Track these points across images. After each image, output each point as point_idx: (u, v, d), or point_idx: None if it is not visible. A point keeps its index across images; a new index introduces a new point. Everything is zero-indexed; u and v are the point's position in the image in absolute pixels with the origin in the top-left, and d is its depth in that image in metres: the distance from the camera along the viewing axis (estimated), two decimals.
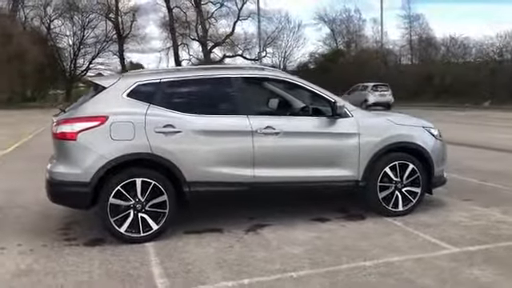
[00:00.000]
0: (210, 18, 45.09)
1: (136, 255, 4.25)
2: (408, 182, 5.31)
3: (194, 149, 4.64)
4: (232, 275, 3.77)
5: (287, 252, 4.28)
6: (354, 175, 5.13)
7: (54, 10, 47.56)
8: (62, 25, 48.25)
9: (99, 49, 48.60)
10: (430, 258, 4.09)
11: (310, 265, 3.98)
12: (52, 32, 48.48)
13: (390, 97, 26.97)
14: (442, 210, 5.60)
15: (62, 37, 49.00)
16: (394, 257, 4.12)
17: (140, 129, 4.49)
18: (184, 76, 4.94)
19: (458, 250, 4.27)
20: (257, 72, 5.28)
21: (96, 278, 3.78)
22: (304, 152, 4.98)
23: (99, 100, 4.62)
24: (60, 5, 47.05)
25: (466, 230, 4.81)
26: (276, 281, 3.67)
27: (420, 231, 4.80)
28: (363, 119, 5.18)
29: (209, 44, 45.17)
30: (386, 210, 5.27)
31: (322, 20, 46.95)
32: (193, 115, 4.68)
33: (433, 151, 5.41)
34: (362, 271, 3.83)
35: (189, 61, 47.12)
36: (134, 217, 4.51)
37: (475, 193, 6.39)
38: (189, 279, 3.72)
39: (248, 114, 4.85)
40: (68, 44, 48.56)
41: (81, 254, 4.32)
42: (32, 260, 4.17)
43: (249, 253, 4.27)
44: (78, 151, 4.43)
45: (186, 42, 46.66)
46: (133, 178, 4.48)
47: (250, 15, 43.95)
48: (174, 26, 45.12)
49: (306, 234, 4.79)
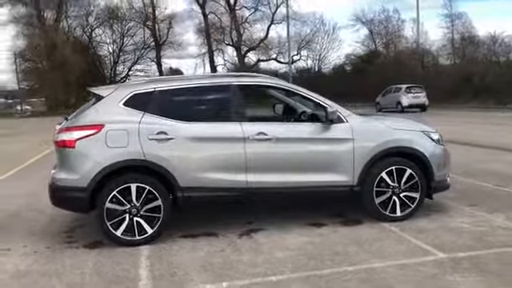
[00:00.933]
0: (244, 22, 45.54)
1: (129, 258, 4.44)
2: (406, 187, 5.27)
3: (186, 155, 4.79)
4: (214, 278, 3.89)
5: (274, 256, 4.36)
6: (349, 180, 5.14)
7: (96, 19, 49.37)
8: (103, 33, 50.02)
9: (138, 56, 50.02)
10: (414, 263, 4.07)
11: (293, 269, 4.04)
12: (93, 40, 50.28)
13: (424, 98, 26.38)
14: (444, 215, 5.51)
15: (103, 45, 50.76)
16: (379, 262, 4.12)
17: (134, 136, 4.69)
18: (178, 85, 5.11)
19: (446, 256, 4.22)
20: (250, 79, 5.38)
21: (87, 279, 3.98)
22: (297, 157, 5.04)
23: (97, 109, 4.85)
24: (101, 14, 48.79)
25: (462, 236, 4.73)
26: (254, 284, 3.76)
27: (413, 237, 4.76)
28: (358, 124, 5.19)
29: (243, 49, 45.57)
30: (383, 215, 5.25)
31: (360, 21, 46.49)
32: (185, 122, 4.84)
33: (432, 156, 5.34)
34: (342, 276, 3.86)
35: (224, 66, 47.81)
36: (130, 221, 4.70)
37: (485, 198, 6.23)
38: (172, 282, 3.86)
39: (241, 120, 4.96)
40: (108, 52, 50.26)
41: (79, 256, 4.55)
42: (32, 261, 4.44)
43: (237, 257, 4.38)
44: (76, 158, 4.67)
45: (221, 47, 47.33)
46: (128, 184, 4.68)
47: (284, 19, 43.95)
48: (209, 31, 45.81)
49: (299, 238, 4.85)
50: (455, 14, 40.60)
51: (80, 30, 49.53)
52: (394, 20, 45.22)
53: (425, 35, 40.74)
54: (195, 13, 46.52)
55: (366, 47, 46.46)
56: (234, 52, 46.73)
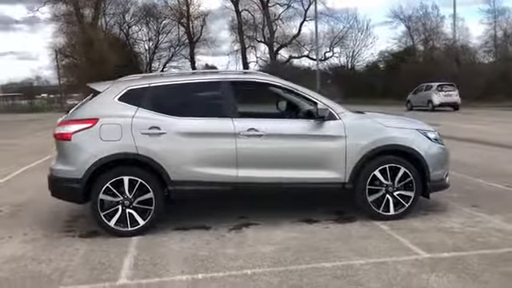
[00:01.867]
0: (276, 19, 45.51)
1: (118, 247, 4.60)
2: (400, 185, 5.23)
3: (177, 149, 4.91)
4: (192, 270, 3.99)
5: (257, 250, 4.42)
6: (340, 177, 5.14)
7: (132, 16, 50.47)
8: (139, 31, 51.05)
9: (172, 53, 50.81)
10: (393, 262, 4.05)
11: (271, 263, 4.09)
12: (130, 38, 51.42)
13: (456, 97, 25.65)
14: (441, 215, 5.43)
15: (139, 42, 51.83)
16: (358, 260, 4.12)
17: (127, 130, 4.84)
18: (171, 81, 5.23)
19: (429, 256, 4.18)
20: (242, 76, 5.45)
21: (72, 266, 4.16)
22: (288, 154, 5.07)
23: (94, 103, 5.04)
24: (137, 12, 49.83)
25: (452, 237, 4.66)
26: (228, 276, 3.84)
27: (402, 236, 4.72)
28: (350, 122, 5.17)
29: (275, 46, 45.55)
30: (376, 214, 5.22)
31: (398, 18, 45.57)
32: (177, 117, 4.96)
33: (427, 155, 5.27)
34: (317, 272, 3.88)
35: (256, 63, 47.94)
36: (122, 212, 4.87)
37: (491, 199, 6.09)
38: (150, 271, 3.99)
39: (232, 116, 5.04)
40: (144, 48, 51.25)
41: (73, 244, 4.75)
42: (29, 248, 4.66)
43: (220, 250, 4.47)
44: (72, 150, 4.87)
45: (254, 44, 47.48)
46: (121, 176, 4.84)
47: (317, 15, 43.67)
48: (241, 28, 46.04)
49: (287, 234, 4.89)
50: (498, 10, 39.26)
51: (117, 27, 50.78)
52: (433, 16, 44.12)
53: (465, 31, 39.59)
54: (228, 10, 46.96)
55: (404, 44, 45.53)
56: (266, 49, 46.83)
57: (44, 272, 4.03)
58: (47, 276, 3.95)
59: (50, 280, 3.87)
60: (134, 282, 3.80)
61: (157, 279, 3.83)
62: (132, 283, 3.78)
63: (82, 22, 44.63)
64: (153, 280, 3.82)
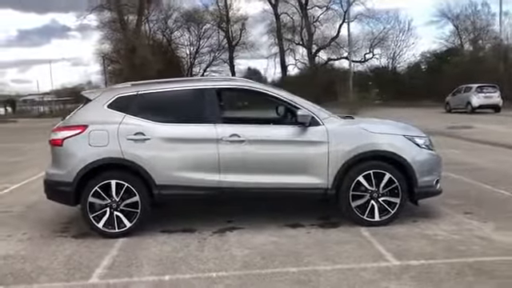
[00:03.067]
0: (315, 21, 45.24)
1: (103, 248, 4.81)
2: (385, 191, 5.18)
3: (162, 154, 5.08)
4: (161, 271, 4.14)
5: (231, 254, 4.52)
6: (323, 183, 5.15)
7: (174, 22, 51.63)
8: (181, 36, 52.12)
9: (213, 57, 51.52)
10: (360, 268, 4.05)
11: (239, 267, 4.18)
12: (172, 43, 52.59)
13: (497, 99, 24.61)
14: (429, 222, 5.34)
15: (181, 47, 52.90)
16: (326, 266, 4.15)
17: (113, 136, 5.06)
18: (157, 88, 5.41)
19: (398, 263, 4.15)
20: (227, 83, 5.56)
21: (54, 265, 4.40)
22: (270, 159, 5.14)
23: (84, 111, 5.31)
24: (179, 17, 50.91)
25: (432, 245, 4.59)
26: (193, 279, 3.97)
27: (381, 242, 4.69)
28: (334, 128, 5.18)
29: (313, 48, 45.30)
30: (360, 220, 5.20)
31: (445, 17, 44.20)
32: (162, 124, 5.14)
33: (414, 161, 5.19)
34: (279, 276, 3.95)
35: (294, 65, 47.84)
36: (110, 214, 5.09)
37: (489, 206, 5.92)
38: (123, 272, 4.17)
39: (216, 122, 5.17)
40: (186, 53, 52.26)
41: (63, 244, 5.01)
42: (23, 247, 4.96)
43: (196, 253, 4.60)
44: (63, 155, 5.15)
45: (292, 47, 47.36)
46: (108, 180, 5.07)
47: (357, 17, 43.19)
48: (280, 31, 46.06)
49: (267, 238, 4.96)
50: None
51: (160, 33, 52.06)
52: (483, 14, 42.47)
53: None
54: (267, 13, 47.04)
55: (451, 44, 44.12)
56: (304, 51, 46.62)
57: (25, 270, 4.29)
58: (27, 274, 4.20)
59: (29, 278, 4.12)
60: (103, 281, 3.99)
61: (125, 279, 4.00)
62: (101, 282, 3.97)
63: (126, 29, 46.02)
64: (121, 280, 3.99)
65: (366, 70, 47.22)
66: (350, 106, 22.43)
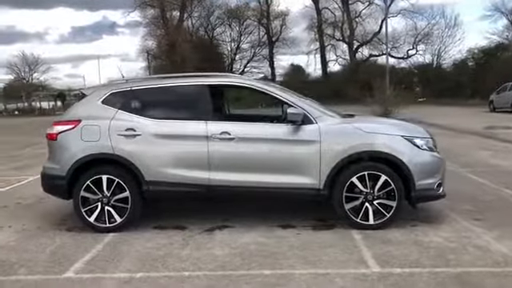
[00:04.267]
0: (357, 17, 44.38)
1: (91, 242, 4.85)
2: (381, 194, 4.96)
3: (152, 151, 5.07)
4: (137, 268, 4.13)
5: (212, 253, 4.45)
6: (315, 183, 4.99)
7: (217, 18, 52.05)
8: (222, 33, 52.51)
9: (253, 53, 51.62)
10: (336, 274, 3.88)
11: (214, 267, 4.11)
12: (214, 39, 53.06)
13: None
14: (430, 227, 5.07)
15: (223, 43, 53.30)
16: (303, 269, 4.01)
17: (105, 131, 5.10)
18: (150, 84, 5.40)
19: (379, 270, 3.95)
20: (221, 79, 5.46)
21: (38, 257, 4.48)
22: (260, 157, 5.02)
23: (79, 106, 5.38)
24: (221, 14, 51.28)
25: (422, 252, 4.35)
26: (163, 277, 3.93)
27: (369, 247, 4.49)
28: (326, 126, 5.00)
29: (355, 44, 44.48)
30: (354, 222, 5.00)
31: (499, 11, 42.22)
32: (153, 120, 5.12)
33: (412, 162, 4.94)
34: (250, 279, 3.84)
35: (335, 61, 47.16)
36: (101, 209, 5.13)
37: (502, 213, 5.57)
38: (100, 267, 4.18)
39: (207, 119, 5.10)
40: (227, 49, 52.62)
41: (54, 236, 5.10)
42: (16, 238, 5.09)
43: (178, 251, 4.55)
44: (58, 150, 5.23)
45: (333, 42, 46.70)
46: (99, 175, 5.11)
47: (401, 12, 42.02)
48: (321, 27, 45.54)
49: (254, 238, 4.86)
50: None
51: (203, 29, 52.63)
52: None
53: None
54: (308, 9, 46.65)
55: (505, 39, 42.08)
56: (345, 47, 45.84)
57: (9, 261, 4.39)
58: (10, 265, 4.29)
59: (10, 269, 4.21)
60: (77, 276, 4.02)
61: (98, 275, 4.01)
62: (74, 277, 4.00)
63: (168, 25, 46.79)
64: (94, 275, 4.00)
65: (409, 67, 45.90)
66: (386, 104, 21.78)
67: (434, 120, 18.21)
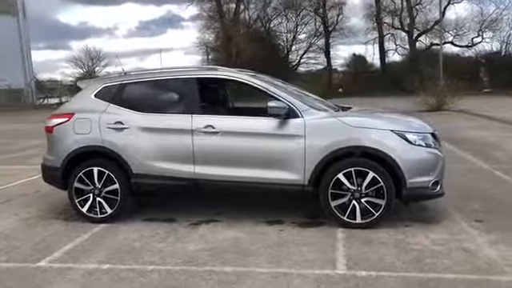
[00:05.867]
0: (417, 4, 42.43)
1: (78, 232, 4.99)
2: (369, 191, 4.71)
3: (138, 144, 5.12)
4: (105, 259, 4.19)
5: (184, 248, 4.43)
6: (299, 179, 4.82)
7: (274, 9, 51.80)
8: (279, 24, 52.18)
9: (310, 43, 50.89)
10: (297, 275, 3.75)
11: (180, 262, 4.08)
12: (271, 30, 52.89)
13: None
14: (422, 228, 4.77)
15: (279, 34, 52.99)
16: (265, 268, 3.91)
17: (95, 125, 5.21)
18: (139, 78, 5.43)
19: (344, 272, 3.76)
20: (208, 72, 5.38)
21: (25, 245, 4.66)
22: (244, 152, 4.93)
23: (74, 100, 5.54)
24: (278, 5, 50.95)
25: (402, 254, 4.09)
26: (126, 270, 3.95)
27: (347, 247, 4.30)
28: (312, 121, 4.80)
29: (415, 32, 42.60)
30: (341, 220, 4.80)
31: None
32: (140, 113, 5.17)
33: (403, 159, 4.65)
34: (208, 276, 3.79)
35: (394, 51, 45.42)
36: (93, 200, 5.27)
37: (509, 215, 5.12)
38: (74, 257, 4.28)
39: (193, 113, 5.07)
40: (282, 40, 52.26)
41: (50, 226, 5.29)
42: (15, 226, 5.33)
43: (154, 244, 4.58)
44: (54, 142, 5.42)
45: (392, 31, 44.94)
46: (91, 167, 5.24)
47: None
48: (380, 16, 44.03)
49: (235, 233, 4.79)
50: None
51: (259, 21, 52.59)
52: None
53: None
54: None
55: None
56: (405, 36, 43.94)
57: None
58: None
59: None
60: (48, 265, 4.14)
61: (68, 265, 4.10)
62: (45, 266, 4.12)
63: (224, 18, 47.23)
64: (63, 265, 4.10)
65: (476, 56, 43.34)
66: (440, 96, 20.69)
67: (490, 112, 17.15)
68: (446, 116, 18.24)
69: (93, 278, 3.82)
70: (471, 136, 11.89)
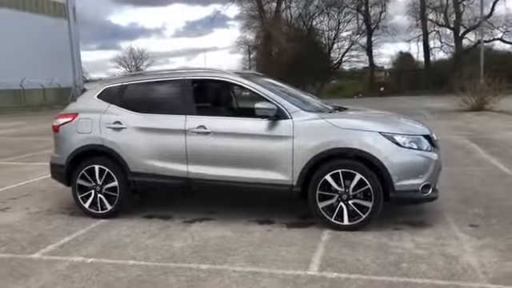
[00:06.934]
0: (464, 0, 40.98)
1: (77, 226, 5.23)
2: (356, 193, 4.68)
3: (135, 143, 5.30)
4: (93, 254, 4.38)
5: (171, 245, 4.56)
6: (288, 180, 4.85)
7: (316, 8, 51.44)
8: (321, 22, 51.79)
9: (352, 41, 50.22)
10: (268, 274, 3.79)
11: (161, 259, 4.21)
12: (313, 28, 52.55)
13: None
14: (410, 231, 4.72)
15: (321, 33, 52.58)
16: (239, 267, 3.97)
17: (96, 124, 5.44)
18: (139, 79, 5.60)
19: (314, 273, 3.78)
20: (204, 74, 5.47)
21: (24, 237, 4.93)
22: (234, 152, 5.00)
23: (79, 100, 5.79)
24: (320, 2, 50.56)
25: (380, 258, 4.05)
26: (108, 264, 4.12)
27: (328, 249, 4.29)
28: (300, 122, 4.82)
29: (461, 29, 41.15)
30: (329, 222, 4.79)
31: None
32: (137, 113, 5.35)
33: (390, 161, 4.58)
34: (182, 272, 3.88)
35: (440, 48, 44.11)
36: (94, 197, 5.50)
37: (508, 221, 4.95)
38: (66, 250, 4.51)
39: (188, 113, 5.20)
40: (324, 38, 51.83)
41: (54, 219, 5.57)
42: (23, 219, 5.64)
43: (144, 239, 4.74)
44: (59, 140, 5.70)
45: (437, 29, 43.64)
46: (92, 165, 5.47)
47: None
48: (425, 12, 42.86)
49: (223, 232, 4.88)
50: None
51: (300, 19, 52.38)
52: None
53: None
54: None
55: None
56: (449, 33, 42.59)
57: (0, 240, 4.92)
58: None
59: None
60: (40, 257, 4.37)
61: (57, 257, 4.31)
62: (36, 258, 4.35)
63: (264, 17, 47.35)
64: (53, 257, 4.32)
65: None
66: (479, 95, 19.93)
67: None
68: (484, 116, 17.61)
69: (74, 271, 4.01)
70: (502, 139, 11.42)
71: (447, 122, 15.61)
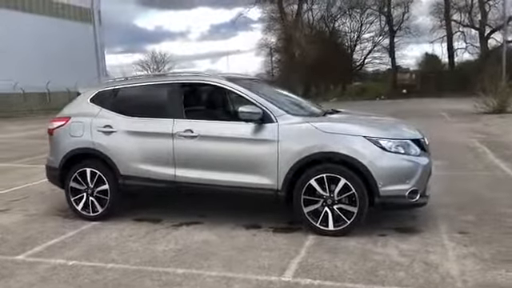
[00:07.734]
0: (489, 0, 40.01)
1: (68, 228, 5.31)
2: (341, 198, 4.60)
3: (124, 146, 5.34)
4: (76, 256, 4.42)
5: (153, 248, 4.57)
6: (273, 184, 4.80)
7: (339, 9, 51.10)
8: (343, 24, 51.41)
9: (375, 43, 49.68)
10: (241, 279, 3.77)
11: (140, 262, 4.22)
12: (335, 30, 52.20)
13: None
14: (396, 237, 4.61)
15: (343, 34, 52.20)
16: (214, 271, 3.95)
17: (87, 128, 5.51)
18: (130, 84, 5.65)
19: (288, 280, 3.72)
20: (192, 78, 5.46)
21: (14, 238, 5.02)
22: (220, 156, 4.98)
23: (73, 104, 5.87)
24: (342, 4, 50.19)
25: (357, 265, 3.97)
26: (88, 267, 4.15)
27: (309, 255, 4.23)
28: (285, 125, 4.77)
29: (487, 30, 40.18)
30: (314, 227, 4.73)
31: None
32: (127, 117, 5.39)
33: (374, 165, 4.49)
34: (157, 276, 3.89)
35: (465, 49, 43.17)
36: (86, 199, 5.57)
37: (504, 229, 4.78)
38: (51, 252, 4.57)
39: (176, 117, 5.21)
40: (346, 40, 51.42)
41: (48, 221, 5.66)
42: (18, 220, 5.74)
43: (129, 243, 4.76)
44: (54, 144, 5.79)
45: (461, 29, 42.72)
46: (84, 168, 5.54)
47: None
48: (449, 13, 42.03)
49: (208, 236, 4.87)
50: None
51: (322, 21, 52.10)
52: None
53: None
54: None
55: None
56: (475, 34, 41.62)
57: None
58: None
59: None
60: (25, 258, 4.44)
61: (40, 259, 4.38)
62: (20, 259, 4.42)
63: (285, 19, 47.23)
64: (37, 259, 4.38)
65: None
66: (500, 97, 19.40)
67: None
68: (505, 119, 17.12)
69: (53, 273, 4.05)
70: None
71: (466, 125, 15.26)
